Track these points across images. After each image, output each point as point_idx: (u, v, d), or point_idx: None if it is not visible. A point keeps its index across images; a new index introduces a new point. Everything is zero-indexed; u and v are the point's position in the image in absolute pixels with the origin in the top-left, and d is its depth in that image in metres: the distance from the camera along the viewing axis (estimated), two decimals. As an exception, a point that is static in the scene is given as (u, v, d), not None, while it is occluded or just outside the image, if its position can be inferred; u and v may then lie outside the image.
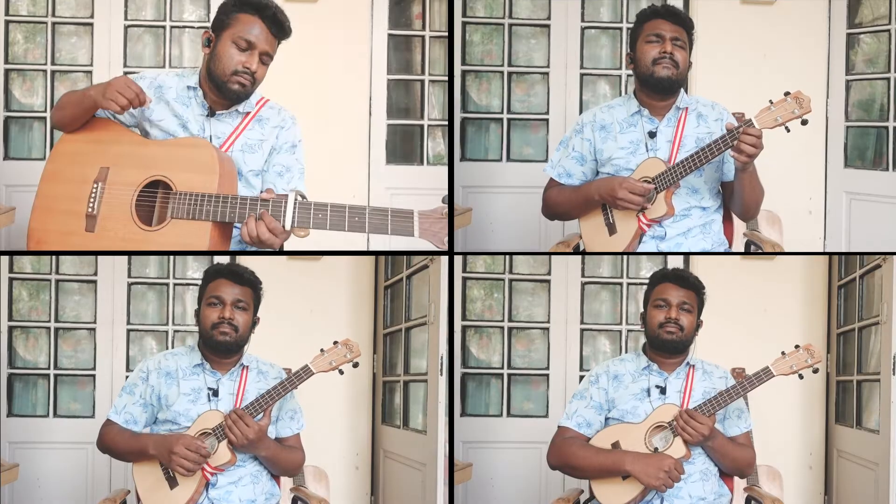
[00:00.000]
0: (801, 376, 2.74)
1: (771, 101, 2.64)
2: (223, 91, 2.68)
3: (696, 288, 2.83)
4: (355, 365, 2.73)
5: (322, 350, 2.71)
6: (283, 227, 2.46)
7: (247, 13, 2.65)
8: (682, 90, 2.90)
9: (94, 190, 2.64)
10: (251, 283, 2.80)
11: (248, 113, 2.76)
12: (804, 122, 2.64)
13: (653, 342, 2.84)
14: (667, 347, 2.80)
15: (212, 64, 2.68)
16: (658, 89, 2.84)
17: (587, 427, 2.85)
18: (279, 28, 2.68)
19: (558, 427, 2.90)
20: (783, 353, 2.73)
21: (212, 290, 2.77)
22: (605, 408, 2.86)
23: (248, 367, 2.79)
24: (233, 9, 2.67)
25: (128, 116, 2.75)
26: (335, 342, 2.71)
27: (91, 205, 2.63)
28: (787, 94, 2.63)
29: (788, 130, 2.65)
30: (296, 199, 2.45)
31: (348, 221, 2.41)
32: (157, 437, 2.73)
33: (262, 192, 2.72)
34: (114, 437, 2.79)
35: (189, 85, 2.74)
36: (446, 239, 2.37)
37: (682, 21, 2.87)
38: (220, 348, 2.75)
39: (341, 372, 2.72)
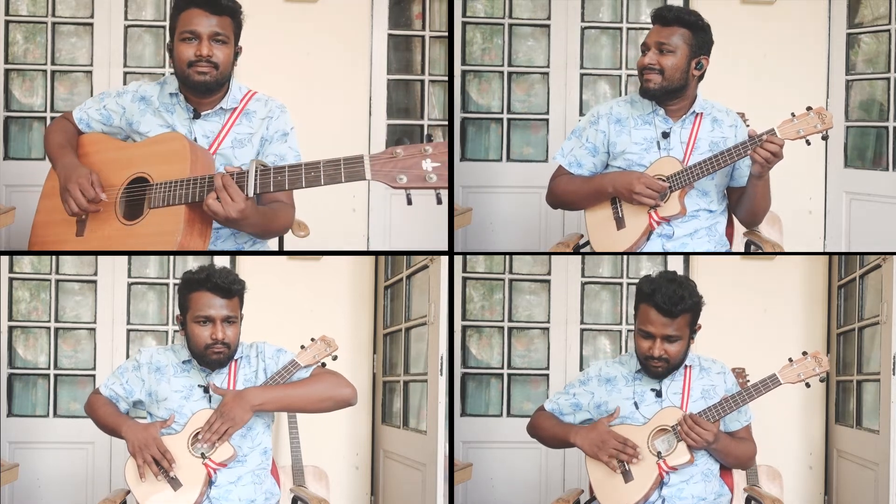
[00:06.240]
0: (807, 384, 2.74)
1: (793, 114, 2.68)
2: (191, 86, 2.72)
3: (687, 311, 2.69)
4: (335, 358, 2.82)
5: (302, 346, 2.78)
6: (247, 194, 2.48)
7: (186, 8, 2.70)
8: (699, 96, 2.89)
9: None
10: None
11: (234, 109, 2.79)
12: (824, 138, 2.71)
13: (641, 365, 2.79)
14: (654, 376, 2.77)
15: (175, 68, 2.74)
16: (649, 97, 2.86)
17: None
18: (215, 6, 2.68)
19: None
20: (790, 359, 2.71)
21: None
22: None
23: (238, 359, 2.77)
24: (174, 12, 2.73)
25: (116, 129, 2.84)
26: (312, 339, 2.79)
27: None
28: (808, 108, 2.68)
29: (809, 143, 2.71)
30: (257, 168, 2.49)
31: (305, 177, 2.45)
32: (133, 423, 2.73)
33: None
34: (98, 406, 2.81)
35: (171, 92, 2.79)
36: (401, 177, 2.34)
37: (677, 20, 2.82)
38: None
39: (323, 364, 2.80)
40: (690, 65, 2.82)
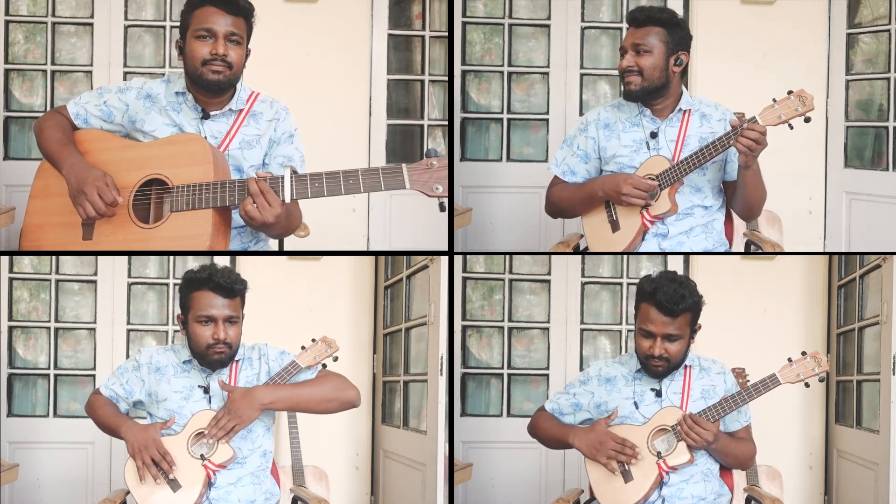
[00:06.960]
0: (807, 384, 2.73)
1: (774, 100, 2.67)
2: (204, 85, 2.69)
3: (688, 310, 2.69)
4: (335, 359, 2.81)
5: (303, 347, 2.77)
6: (283, 200, 2.51)
7: (200, 7, 2.68)
8: (685, 93, 2.90)
9: None
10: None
11: (241, 110, 2.79)
12: (807, 120, 2.67)
13: (642, 364, 2.79)
14: (654, 375, 2.77)
15: (187, 66, 2.71)
16: (632, 99, 2.87)
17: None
18: (232, 6, 2.68)
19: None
20: (790, 359, 2.71)
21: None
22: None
23: (239, 360, 2.76)
24: (188, 8, 2.71)
25: (117, 126, 2.79)
26: (313, 339, 2.78)
27: None
28: (790, 92, 2.66)
29: (792, 128, 2.68)
30: (292, 174, 2.52)
31: (344, 184, 2.49)
32: (133, 424, 2.72)
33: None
34: (99, 407, 2.80)
35: (177, 91, 2.77)
36: (437, 187, 2.45)
37: (649, 20, 2.83)
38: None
39: (324, 366, 2.80)
40: (669, 62, 2.83)
